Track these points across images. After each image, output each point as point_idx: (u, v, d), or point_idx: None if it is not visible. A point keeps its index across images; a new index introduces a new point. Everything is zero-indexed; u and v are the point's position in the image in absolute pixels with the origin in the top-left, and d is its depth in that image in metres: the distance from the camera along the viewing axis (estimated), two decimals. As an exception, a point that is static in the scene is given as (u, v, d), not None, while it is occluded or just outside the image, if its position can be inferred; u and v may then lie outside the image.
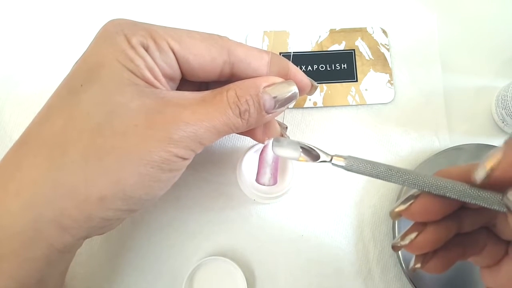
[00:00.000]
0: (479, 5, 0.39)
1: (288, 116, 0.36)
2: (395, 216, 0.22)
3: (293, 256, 0.34)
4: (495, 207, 0.19)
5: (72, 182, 0.21)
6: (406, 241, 0.21)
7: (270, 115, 0.26)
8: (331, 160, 0.23)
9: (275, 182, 0.28)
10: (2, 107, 0.36)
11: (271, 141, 0.27)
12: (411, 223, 0.22)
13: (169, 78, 0.25)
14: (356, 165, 0.22)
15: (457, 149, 0.34)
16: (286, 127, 0.32)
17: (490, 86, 0.37)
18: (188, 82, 0.27)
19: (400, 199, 0.22)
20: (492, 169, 0.18)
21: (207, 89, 0.25)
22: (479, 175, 0.19)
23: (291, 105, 0.26)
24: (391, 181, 0.21)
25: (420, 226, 0.21)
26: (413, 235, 0.21)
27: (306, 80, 0.28)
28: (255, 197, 0.31)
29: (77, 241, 0.23)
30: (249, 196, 0.31)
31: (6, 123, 0.35)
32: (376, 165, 0.22)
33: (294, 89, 0.26)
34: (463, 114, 0.37)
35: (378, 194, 0.35)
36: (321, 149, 0.24)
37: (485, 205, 0.19)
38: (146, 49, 0.23)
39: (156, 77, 0.24)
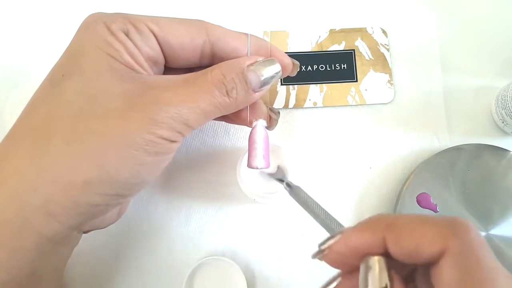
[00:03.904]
0: (479, 5, 0.39)
1: (288, 116, 0.36)
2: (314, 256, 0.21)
3: (293, 256, 0.34)
4: None
5: (55, 167, 0.21)
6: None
7: (257, 94, 0.26)
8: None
9: (267, 165, 0.27)
10: (2, 107, 0.36)
11: (259, 121, 0.27)
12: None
13: (152, 61, 0.26)
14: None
15: (457, 149, 0.34)
16: (279, 113, 0.31)
17: (490, 86, 0.37)
18: (172, 71, 0.27)
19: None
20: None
21: None
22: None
23: (276, 81, 0.27)
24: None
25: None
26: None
27: (287, 59, 0.28)
28: (255, 197, 0.31)
29: (67, 230, 0.23)
30: (249, 196, 0.31)
31: (7, 123, 0.35)
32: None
33: (277, 66, 0.26)
34: (463, 114, 0.37)
35: (378, 195, 0.35)
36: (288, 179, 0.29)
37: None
38: (127, 34, 0.24)
39: (137, 61, 0.24)
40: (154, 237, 0.34)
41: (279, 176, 0.30)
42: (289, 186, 0.28)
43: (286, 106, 0.36)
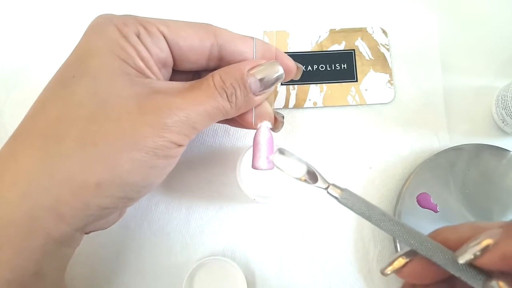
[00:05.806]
0: (479, 5, 0.39)
1: (288, 116, 0.36)
2: (386, 275, 0.21)
3: (293, 256, 0.34)
4: (476, 287, 0.18)
5: (68, 169, 0.21)
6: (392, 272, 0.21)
7: (259, 97, 0.26)
8: (327, 188, 0.23)
9: (271, 166, 0.27)
10: (2, 107, 0.36)
11: (263, 123, 0.27)
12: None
13: (161, 64, 0.26)
14: (351, 201, 0.22)
15: (457, 149, 0.34)
16: (283, 117, 0.31)
17: (490, 86, 0.37)
18: (180, 74, 0.28)
19: (392, 257, 0.21)
20: (478, 256, 0.17)
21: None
22: (463, 258, 0.18)
23: (279, 84, 0.27)
24: (381, 228, 0.21)
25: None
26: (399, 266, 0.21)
27: (291, 63, 0.28)
28: (255, 197, 0.31)
29: (74, 231, 0.23)
30: (249, 196, 0.31)
31: (6, 123, 0.35)
32: (371, 208, 0.21)
33: (279, 69, 0.26)
34: (463, 114, 0.37)
35: (378, 195, 0.35)
36: (322, 174, 0.23)
37: (467, 281, 0.18)
38: (138, 36, 0.24)
39: (147, 66, 0.25)
40: (154, 237, 0.34)
41: (312, 181, 0.24)
42: (337, 191, 0.22)
43: (286, 106, 0.36)
